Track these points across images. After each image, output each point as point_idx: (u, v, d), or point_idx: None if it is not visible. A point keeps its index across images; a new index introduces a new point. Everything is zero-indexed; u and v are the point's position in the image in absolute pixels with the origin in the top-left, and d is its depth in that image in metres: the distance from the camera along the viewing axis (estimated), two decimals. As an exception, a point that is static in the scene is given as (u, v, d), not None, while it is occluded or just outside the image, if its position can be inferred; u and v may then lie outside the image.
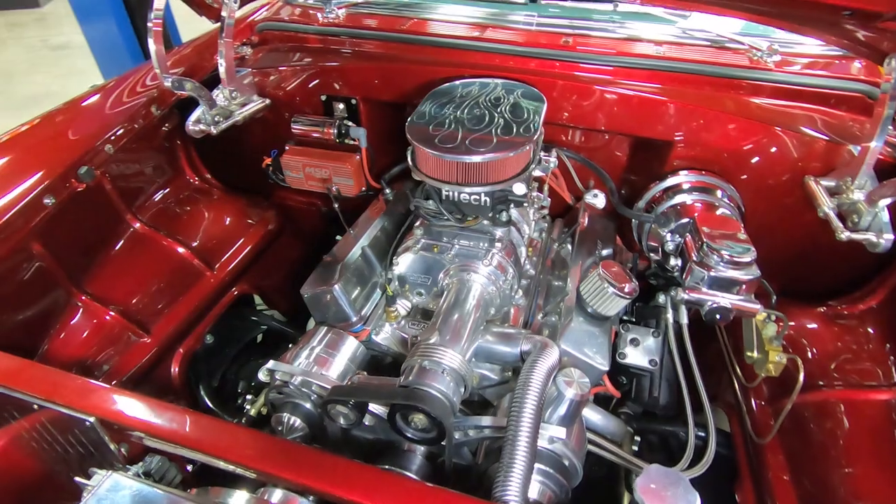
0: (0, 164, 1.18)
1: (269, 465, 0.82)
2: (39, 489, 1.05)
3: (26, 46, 6.95)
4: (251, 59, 1.81)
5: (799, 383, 1.05)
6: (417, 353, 1.01)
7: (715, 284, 1.12)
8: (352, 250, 1.41)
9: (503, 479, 0.81)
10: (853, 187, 1.22)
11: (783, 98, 1.42)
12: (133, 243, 1.40)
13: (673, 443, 1.46)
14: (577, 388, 1.00)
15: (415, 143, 1.15)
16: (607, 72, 1.48)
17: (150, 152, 1.50)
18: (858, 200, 1.19)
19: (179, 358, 1.41)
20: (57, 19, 7.57)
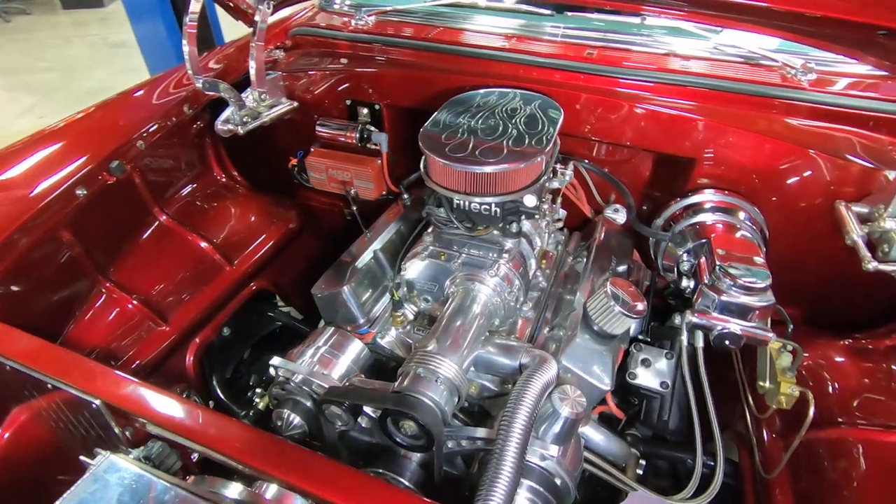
0: (38, 157, 1.26)
1: (257, 460, 0.84)
2: (52, 464, 1.10)
3: (89, 44, 7.38)
4: (283, 62, 1.86)
5: (808, 418, 0.99)
6: (414, 360, 1.01)
7: (726, 309, 1.08)
8: (364, 253, 1.43)
9: (486, 492, 0.81)
10: (886, 215, 1.15)
11: (817, 118, 1.36)
12: (158, 235, 1.47)
13: (681, 469, 1.41)
14: (573, 406, 0.98)
15: (426, 151, 1.16)
16: (631, 85, 1.45)
17: (179, 149, 1.56)
18: (891, 229, 1.13)
19: (195, 348, 1.46)
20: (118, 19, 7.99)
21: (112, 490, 0.77)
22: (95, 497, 0.76)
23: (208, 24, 3.41)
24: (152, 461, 0.95)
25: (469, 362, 1.09)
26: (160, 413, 0.89)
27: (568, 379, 1.11)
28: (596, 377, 1.11)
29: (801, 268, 1.42)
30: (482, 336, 1.15)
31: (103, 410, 0.90)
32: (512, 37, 1.64)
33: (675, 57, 1.48)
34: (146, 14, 3.56)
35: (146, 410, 0.89)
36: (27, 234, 1.13)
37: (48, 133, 1.34)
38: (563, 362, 1.11)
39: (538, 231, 1.40)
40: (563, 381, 1.10)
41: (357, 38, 1.79)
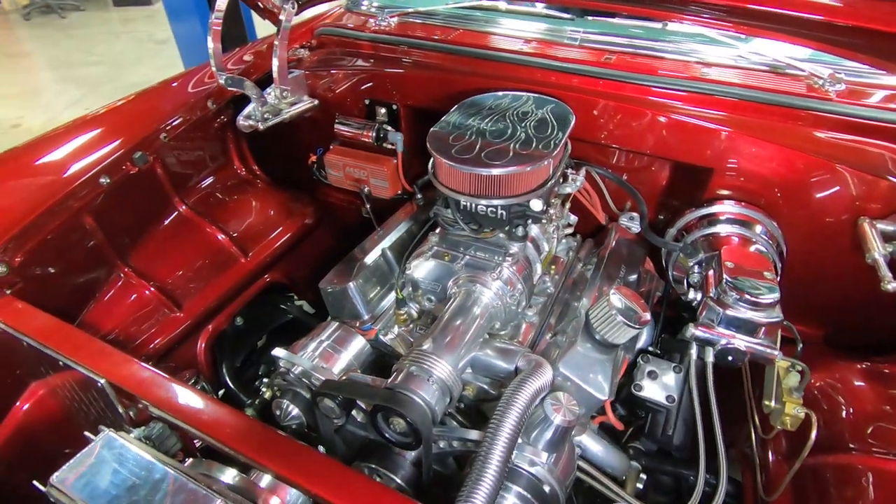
0: (67, 145, 1.32)
1: (249, 448, 0.86)
2: (62, 438, 1.16)
3: (136, 40, 7.70)
4: (307, 61, 1.90)
5: (810, 441, 0.96)
6: (408, 358, 1.02)
7: (731, 324, 1.05)
8: (373, 250, 1.45)
9: (467, 493, 0.81)
10: (910, 233, 1.10)
11: (845, 131, 1.31)
12: (177, 225, 1.52)
13: (684, 486, 1.38)
14: (565, 413, 0.97)
15: (433, 152, 1.17)
16: (649, 92, 1.43)
17: (202, 142, 1.62)
18: (914, 248, 1.08)
19: (207, 336, 1.51)
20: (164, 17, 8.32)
21: (107, 465, 0.80)
22: (91, 470, 0.79)
23: (242, 23, 3.53)
24: (152, 441, 0.99)
25: (465, 363, 1.09)
26: (160, 395, 0.92)
27: (565, 386, 1.10)
28: (594, 386, 1.10)
29: (821, 286, 1.36)
30: (480, 338, 1.15)
31: (108, 389, 0.94)
32: (531, 40, 1.64)
33: (696, 64, 1.44)
34: (184, 13, 3.73)
35: (147, 392, 0.93)
36: (52, 218, 1.19)
37: (79, 123, 1.41)
38: (561, 369, 1.10)
39: (546, 236, 1.39)
40: (559, 388, 1.09)
41: (378, 38, 1.82)
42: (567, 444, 1.07)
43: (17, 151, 1.31)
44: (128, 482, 0.78)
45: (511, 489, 0.96)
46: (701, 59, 1.45)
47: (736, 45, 1.44)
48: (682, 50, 1.48)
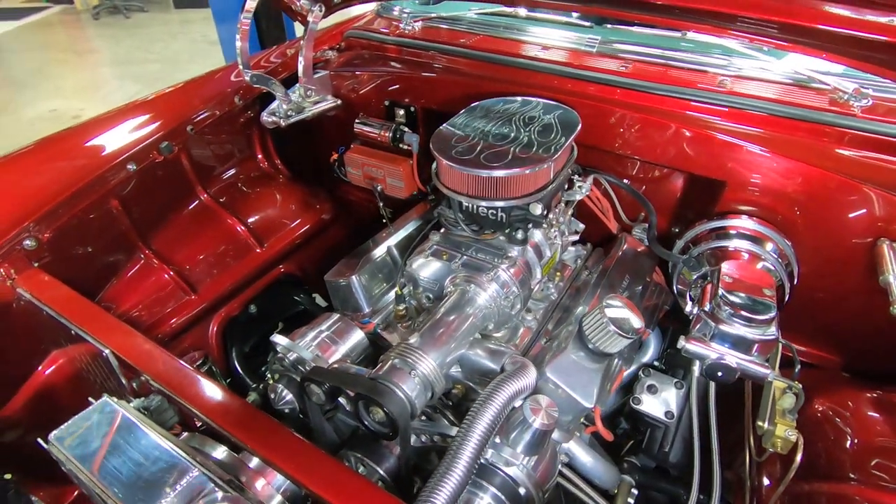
0: (100, 133, 1.42)
1: (236, 427, 0.89)
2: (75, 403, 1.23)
3: (191, 40, 8.10)
4: (334, 62, 1.97)
5: (795, 464, 0.92)
6: (394, 351, 1.04)
7: (723, 339, 1.02)
8: (379, 246, 1.48)
9: (433, 485, 0.82)
10: (928, 257, 1.04)
11: (869, 149, 1.26)
12: (198, 213, 1.60)
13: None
14: (544, 416, 0.96)
15: (434, 152, 1.19)
16: (664, 101, 1.41)
17: (227, 136, 1.70)
18: (931, 273, 1.02)
19: (219, 320, 1.58)
20: (219, 18, 8.71)
21: (99, 428, 0.86)
22: (85, 432, 0.85)
23: (283, 24, 3.68)
24: (150, 412, 1.05)
25: (452, 360, 1.10)
26: (158, 369, 0.98)
27: (551, 391, 1.09)
28: (580, 393, 1.09)
29: (838, 310, 1.30)
30: (470, 337, 1.16)
31: (111, 359, 1.01)
32: (549, 47, 1.64)
33: (713, 74, 1.42)
34: (229, 16, 3.95)
35: (147, 365, 0.98)
36: (81, 199, 1.28)
37: (114, 113, 1.51)
38: (548, 373, 1.09)
39: (550, 242, 1.38)
40: (543, 391, 1.08)
41: (402, 42, 1.86)
42: (548, 450, 1.07)
43: (56, 137, 1.41)
44: (116, 446, 0.84)
45: (486, 488, 0.97)
46: (719, 69, 1.42)
47: (757, 57, 1.40)
48: (700, 60, 1.45)
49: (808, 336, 1.44)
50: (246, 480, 0.98)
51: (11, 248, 1.16)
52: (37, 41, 8.59)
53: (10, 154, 1.32)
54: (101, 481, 0.78)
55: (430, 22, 1.88)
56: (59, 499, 1.36)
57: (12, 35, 8.83)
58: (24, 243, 1.17)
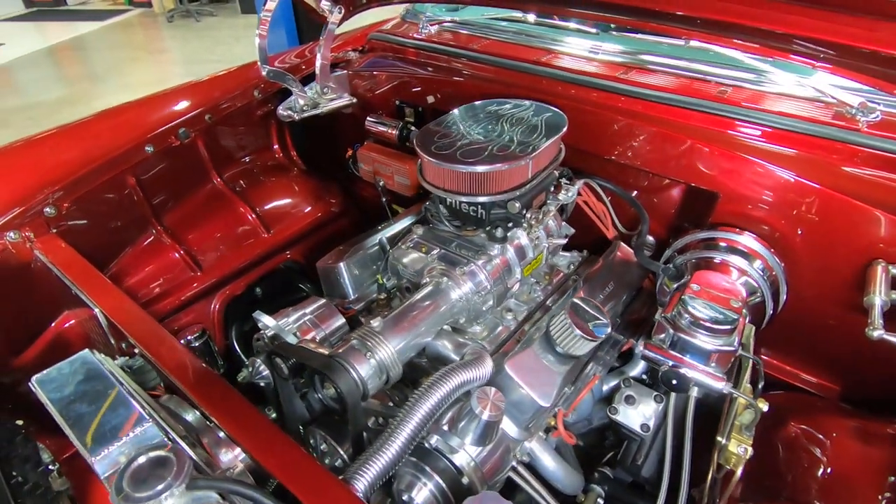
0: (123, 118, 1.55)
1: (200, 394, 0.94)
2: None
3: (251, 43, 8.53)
4: (355, 62, 2.06)
5: (735, 478, 0.88)
6: (356, 333, 1.08)
7: (680, 347, 0.99)
8: (372, 237, 1.53)
9: (361, 462, 0.85)
10: (918, 281, 0.98)
11: (872, 166, 1.19)
12: (210, 196, 1.71)
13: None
14: (489, 407, 0.97)
15: (416, 147, 1.23)
16: (660, 110, 1.39)
17: (244, 126, 1.81)
18: (917, 297, 0.96)
19: (222, 297, 1.67)
20: (280, 23, 9.14)
21: (75, 376, 0.94)
22: (62, 378, 0.94)
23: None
24: (132, 371, 1.13)
25: (413, 348, 1.13)
26: (139, 331, 1.06)
27: (508, 387, 1.10)
28: (537, 392, 1.09)
29: (830, 334, 1.24)
30: (436, 328, 1.18)
31: (101, 318, 1.10)
32: (554, 52, 1.65)
33: (714, 83, 1.39)
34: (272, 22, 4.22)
35: (130, 326, 1.07)
36: (99, 175, 1.40)
37: (141, 101, 1.65)
38: (507, 369, 1.10)
39: (535, 243, 1.39)
40: (501, 387, 1.09)
41: (419, 45, 1.92)
42: (501, 445, 1.07)
43: (84, 120, 1.55)
44: (85, 393, 0.92)
45: (429, 474, 0.98)
46: (720, 78, 1.39)
47: (760, 67, 1.36)
48: (702, 69, 1.42)
49: (803, 361, 1.37)
50: (210, 444, 1.04)
51: (33, 214, 1.28)
52: (116, 40, 9.32)
53: (41, 133, 1.46)
54: (66, 422, 0.86)
55: (448, 26, 1.94)
56: (63, 449, 1.48)
57: (96, 34, 9.62)
58: (45, 210, 1.30)
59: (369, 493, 0.81)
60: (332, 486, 0.76)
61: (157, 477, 0.76)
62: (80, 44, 9.14)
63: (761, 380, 1.02)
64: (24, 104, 6.25)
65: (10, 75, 7.60)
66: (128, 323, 1.08)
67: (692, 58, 1.45)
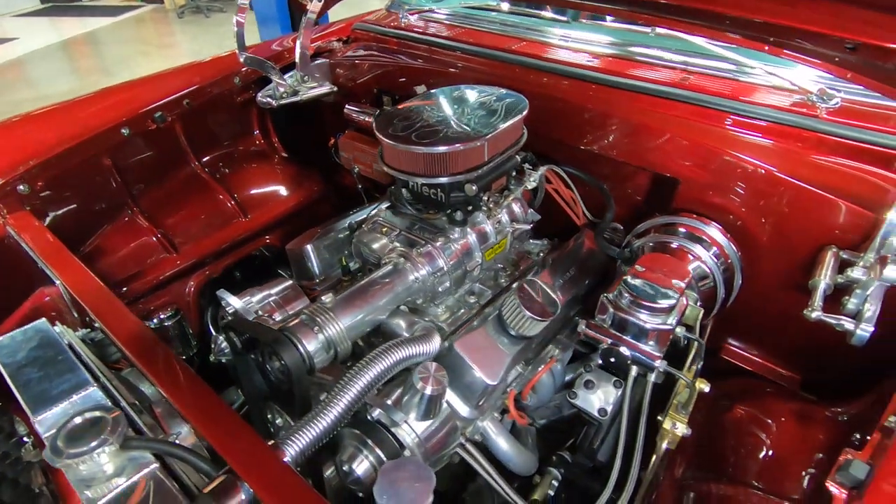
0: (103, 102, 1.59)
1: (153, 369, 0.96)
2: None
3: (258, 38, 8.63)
4: (338, 51, 2.08)
5: (660, 451, 0.89)
6: (307, 309, 1.10)
7: (620, 326, 1.00)
8: (343, 221, 1.56)
9: (293, 430, 0.87)
10: (861, 263, 0.98)
11: (832, 153, 1.19)
12: (188, 180, 1.75)
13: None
14: (431, 382, 0.99)
15: (374, 129, 1.25)
16: (624, 97, 1.40)
17: (224, 113, 1.84)
18: (858, 279, 0.96)
19: (198, 279, 1.71)
20: (287, 19, 9.20)
21: (29, 342, 0.98)
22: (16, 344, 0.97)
23: None
24: (92, 343, 1.17)
25: (364, 325, 1.14)
26: (97, 306, 1.08)
27: (456, 365, 1.12)
28: (484, 370, 1.10)
29: (787, 323, 1.24)
30: (391, 307, 1.20)
31: (63, 291, 1.13)
32: (527, 41, 1.66)
33: (677, 71, 1.39)
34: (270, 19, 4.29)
35: (89, 300, 1.10)
36: (74, 155, 1.44)
37: (122, 86, 1.69)
38: (455, 347, 1.12)
39: (498, 228, 1.40)
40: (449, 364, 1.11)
41: (399, 34, 1.94)
42: (446, 422, 1.08)
43: (65, 103, 1.59)
44: (37, 359, 0.95)
45: (370, 447, 1.00)
46: (684, 66, 1.39)
47: (725, 55, 1.36)
48: (666, 57, 1.42)
49: (767, 350, 1.37)
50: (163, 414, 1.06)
51: (7, 191, 1.32)
52: (128, 35, 9.45)
53: (20, 115, 1.50)
54: (14, 385, 0.89)
55: (428, 16, 1.95)
56: (37, 424, 1.52)
57: (108, 29, 9.77)
58: (18, 188, 1.34)
59: (299, 459, 0.84)
60: (260, 451, 0.79)
61: (91, 436, 0.79)
62: (92, 38, 9.30)
63: (700, 360, 1.02)
64: (35, 96, 6.38)
65: (23, 68, 7.76)
66: (88, 297, 1.11)
67: (658, 45, 1.46)
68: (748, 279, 1.25)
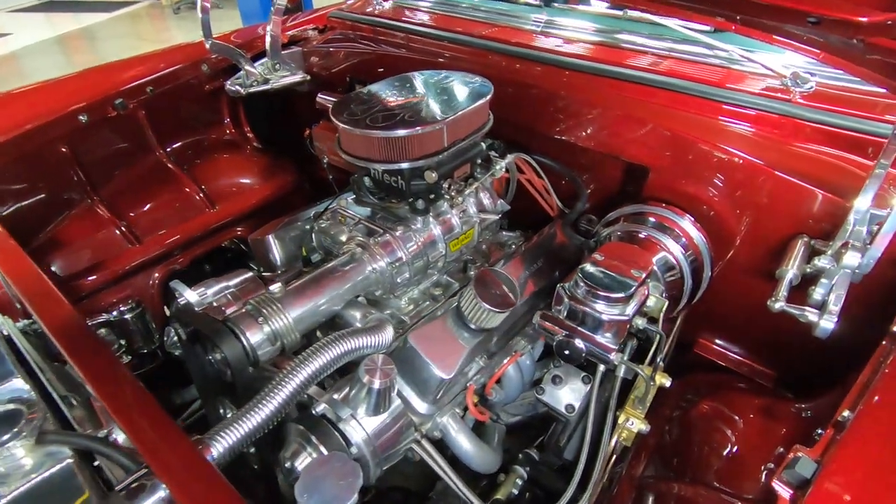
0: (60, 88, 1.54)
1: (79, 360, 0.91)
2: None
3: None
4: (313, 39, 2.03)
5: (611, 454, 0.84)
6: (253, 299, 1.06)
7: (577, 317, 0.95)
8: (309, 211, 1.51)
9: (221, 426, 0.82)
10: (829, 252, 0.93)
11: (806, 139, 1.14)
12: (153, 170, 1.70)
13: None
14: (377, 375, 0.94)
15: (331, 114, 1.20)
16: (600, 83, 1.35)
17: (192, 101, 1.79)
18: (824, 268, 0.91)
19: (163, 272, 1.66)
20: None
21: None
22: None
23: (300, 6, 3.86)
24: (34, 335, 1.12)
25: (316, 316, 1.10)
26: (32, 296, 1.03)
27: (410, 357, 1.07)
28: (438, 363, 1.05)
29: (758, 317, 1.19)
30: (347, 298, 1.15)
31: (3, 280, 1.09)
32: (501, 27, 1.62)
33: (648, 55, 1.34)
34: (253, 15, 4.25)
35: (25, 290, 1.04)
36: (28, 141, 1.39)
37: (82, 72, 1.64)
38: (409, 340, 1.07)
39: (464, 218, 1.35)
40: (403, 357, 1.06)
41: (373, 21, 1.90)
42: (398, 418, 1.03)
43: (23, 89, 1.55)
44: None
45: (314, 444, 0.95)
46: (657, 51, 1.34)
47: (700, 38, 1.31)
48: (638, 41, 1.38)
49: (738, 344, 1.33)
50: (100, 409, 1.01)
51: (-45, 178, 1.28)
52: (123, 30, 9.41)
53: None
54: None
55: (403, 3, 1.91)
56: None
57: (104, 24, 9.72)
58: None
59: (225, 457, 0.79)
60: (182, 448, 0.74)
61: (3, 429, 0.75)
62: (87, 34, 9.25)
63: (662, 353, 0.98)
64: (26, 91, 6.35)
65: (17, 63, 7.72)
66: (24, 287, 1.06)
67: (631, 30, 1.41)
68: (720, 271, 1.20)
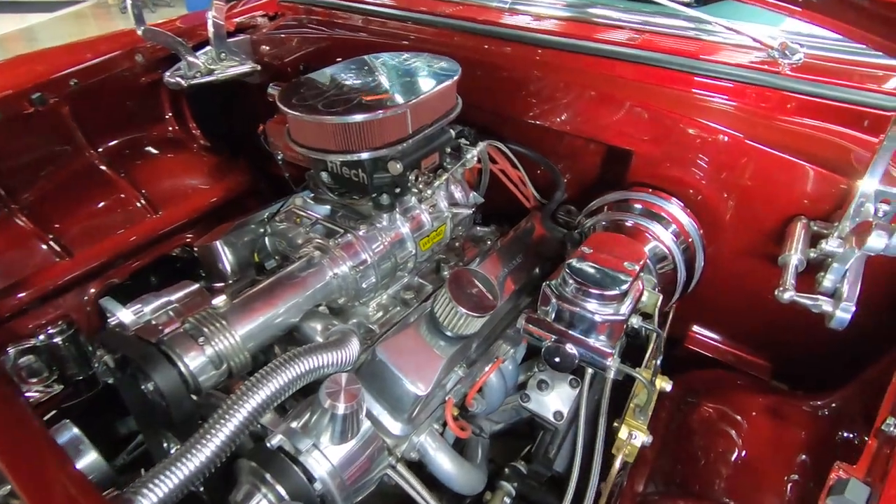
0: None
1: None
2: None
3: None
4: (263, 26, 1.87)
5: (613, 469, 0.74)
6: (192, 316, 0.91)
7: (566, 318, 0.84)
8: (262, 214, 1.36)
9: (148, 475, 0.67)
10: (835, 234, 0.85)
11: (797, 113, 1.06)
12: (83, 172, 1.51)
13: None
14: (341, 398, 0.81)
15: (276, 101, 1.06)
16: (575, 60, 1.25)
17: (126, 95, 1.61)
18: (833, 253, 0.83)
19: (99, 287, 1.48)
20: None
21: None
22: None
23: None
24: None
25: (269, 331, 0.96)
26: None
27: (380, 373, 0.94)
28: (410, 378, 0.93)
29: (755, 306, 1.11)
30: (303, 308, 1.01)
31: None
32: (462, 4, 1.50)
33: (629, 30, 1.24)
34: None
35: None
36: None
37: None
38: (378, 353, 0.94)
39: (434, 213, 1.23)
40: (373, 373, 0.93)
41: (325, 3, 1.75)
42: (368, 443, 0.90)
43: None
44: None
45: (269, 483, 0.81)
46: (635, 24, 1.25)
47: (679, 10, 1.22)
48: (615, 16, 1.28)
49: (735, 337, 1.25)
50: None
51: None
52: (67, 31, 8.89)
53: None
54: None
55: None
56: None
57: (46, 25, 9.18)
58: None
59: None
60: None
61: None
62: (29, 34, 8.72)
63: (660, 353, 0.88)
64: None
65: (-53, 68, 7.19)
66: None
67: (608, 4, 1.31)
68: (712, 258, 1.12)
